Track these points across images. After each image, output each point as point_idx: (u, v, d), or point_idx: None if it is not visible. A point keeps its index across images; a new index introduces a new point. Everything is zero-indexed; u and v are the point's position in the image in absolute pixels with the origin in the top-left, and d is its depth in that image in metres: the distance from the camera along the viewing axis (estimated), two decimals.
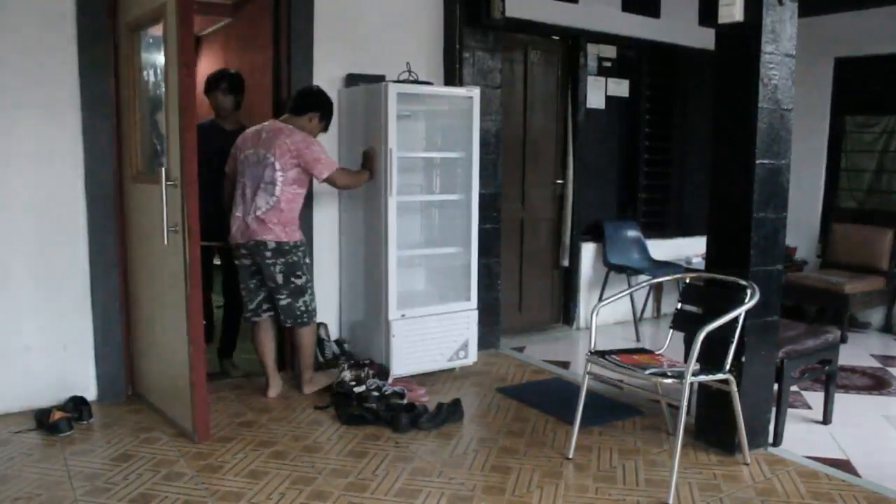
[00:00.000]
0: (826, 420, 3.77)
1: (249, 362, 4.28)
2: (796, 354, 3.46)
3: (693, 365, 2.84)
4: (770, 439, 3.36)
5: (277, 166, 3.62)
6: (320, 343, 4.21)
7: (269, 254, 3.67)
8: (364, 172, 3.95)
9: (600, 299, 5.49)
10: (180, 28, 3.00)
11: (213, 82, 4.12)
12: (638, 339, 5.35)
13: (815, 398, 4.04)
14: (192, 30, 3.03)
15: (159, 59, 3.35)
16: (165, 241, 3.18)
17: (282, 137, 3.65)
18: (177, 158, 3.13)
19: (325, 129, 3.92)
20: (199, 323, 3.19)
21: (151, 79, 3.59)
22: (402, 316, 4.07)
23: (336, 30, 4.25)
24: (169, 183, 3.14)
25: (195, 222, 3.12)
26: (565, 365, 4.67)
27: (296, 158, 3.64)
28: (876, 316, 5.93)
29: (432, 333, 4.17)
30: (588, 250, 5.70)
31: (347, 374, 3.84)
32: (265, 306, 3.84)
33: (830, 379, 3.75)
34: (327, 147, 3.87)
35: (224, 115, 4.14)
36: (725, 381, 3.03)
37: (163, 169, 3.18)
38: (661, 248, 5.91)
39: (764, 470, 3.09)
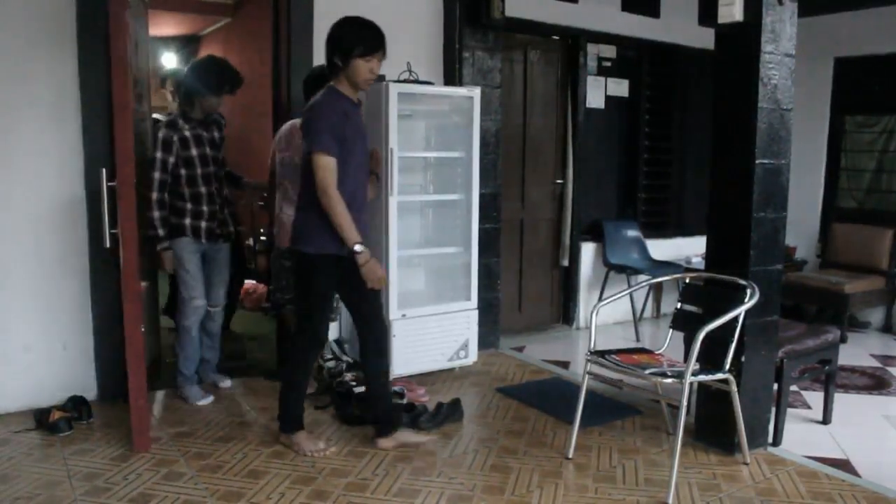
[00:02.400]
0: (826, 420, 3.77)
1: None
2: (796, 354, 3.46)
3: (693, 365, 2.84)
4: (770, 439, 3.36)
5: None
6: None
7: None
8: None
9: (600, 299, 5.49)
10: (113, 23, 2.91)
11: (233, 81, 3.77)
12: (638, 339, 5.35)
13: (815, 398, 4.04)
14: (124, 25, 2.93)
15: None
16: (107, 244, 3.13)
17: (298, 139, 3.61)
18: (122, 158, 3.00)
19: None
20: (135, 328, 3.05)
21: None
22: (403, 316, 4.07)
23: None
24: (111, 184, 3.06)
25: (130, 228, 2.98)
26: (565, 365, 4.67)
27: None
28: (876, 316, 5.93)
29: (432, 333, 4.17)
30: (588, 250, 5.70)
31: (347, 375, 3.84)
32: None
33: (830, 379, 3.75)
34: None
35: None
36: (725, 381, 3.03)
37: (103, 169, 3.11)
38: (660, 248, 5.91)
39: (764, 470, 3.09)
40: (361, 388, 3.68)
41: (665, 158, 6.08)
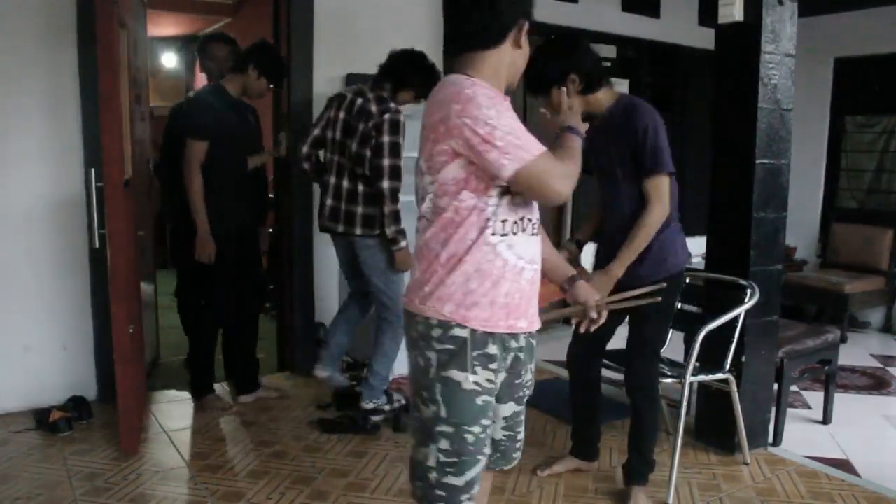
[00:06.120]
0: (826, 420, 3.77)
1: None
2: (796, 354, 3.46)
3: (693, 364, 2.84)
4: (770, 439, 3.36)
5: None
6: (318, 344, 4.21)
7: None
8: None
9: None
10: (99, 21, 2.89)
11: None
12: None
13: (815, 398, 4.04)
14: (111, 24, 2.90)
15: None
16: (97, 244, 3.12)
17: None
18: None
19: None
20: (123, 330, 3.03)
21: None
22: None
23: (336, 30, 4.24)
24: (99, 184, 3.05)
25: (117, 228, 2.95)
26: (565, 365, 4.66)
27: None
28: (876, 316, 5.93)
29: None
30: (588, 250, 5.68)
31: (346, 375, 3.84)
32: None
33: (830, 379, 3.75)
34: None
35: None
36: (725, 381, 3.03)
37: (92, 170, 3.10)
38: None
39: (764, 470, 3.09)
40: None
41: None
